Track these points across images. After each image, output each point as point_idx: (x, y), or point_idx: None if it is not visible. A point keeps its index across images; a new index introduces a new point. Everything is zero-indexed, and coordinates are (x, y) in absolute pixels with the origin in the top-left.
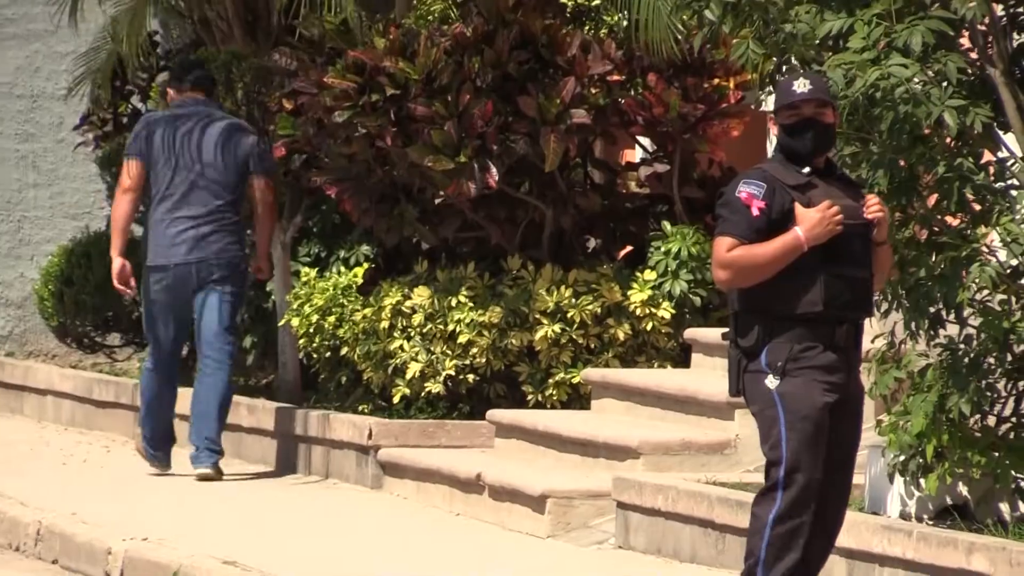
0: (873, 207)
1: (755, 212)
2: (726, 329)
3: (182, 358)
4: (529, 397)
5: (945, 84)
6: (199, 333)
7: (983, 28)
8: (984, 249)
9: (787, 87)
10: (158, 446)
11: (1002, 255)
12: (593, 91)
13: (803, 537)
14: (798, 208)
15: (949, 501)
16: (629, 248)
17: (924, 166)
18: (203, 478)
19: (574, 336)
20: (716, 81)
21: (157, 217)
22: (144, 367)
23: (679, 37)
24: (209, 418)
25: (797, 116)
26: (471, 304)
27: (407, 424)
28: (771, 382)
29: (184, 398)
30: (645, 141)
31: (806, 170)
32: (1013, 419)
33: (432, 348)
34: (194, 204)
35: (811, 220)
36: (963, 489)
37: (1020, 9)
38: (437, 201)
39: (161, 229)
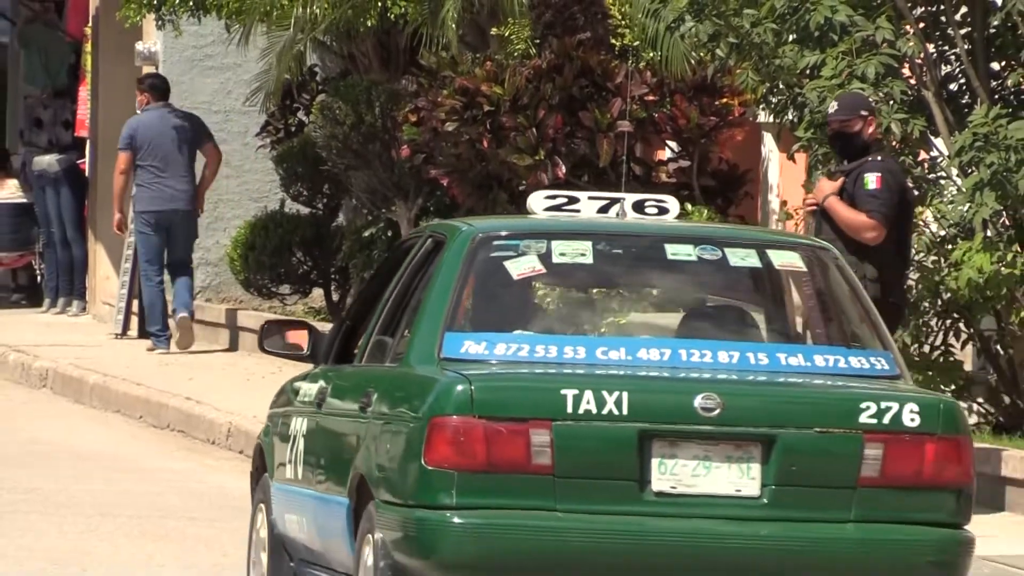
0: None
1: None
2: None
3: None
4: None
5: (892, 102)
6: (171, 255)
7: (919, 61)
8: (920, 223)
9: (830, 108)
10: (164, 330)
11: (934, 227)
12: (634, 108)
13: None
14: None
15: None
16: None
17: None
18: (155, 351)
19: None
20: (724, 100)
21: (145, 180)
22: (150, 282)
23: (697, 67)
24: (185, 298)
25: (831, 129)
26: None
27: None
28: None
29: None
30: (672, 144)
31: (845, 165)
32: (941, 347)
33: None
34: (167, 171)
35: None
36: None
37: (946, 47)
38: (521, 188)
39: (148, 188)
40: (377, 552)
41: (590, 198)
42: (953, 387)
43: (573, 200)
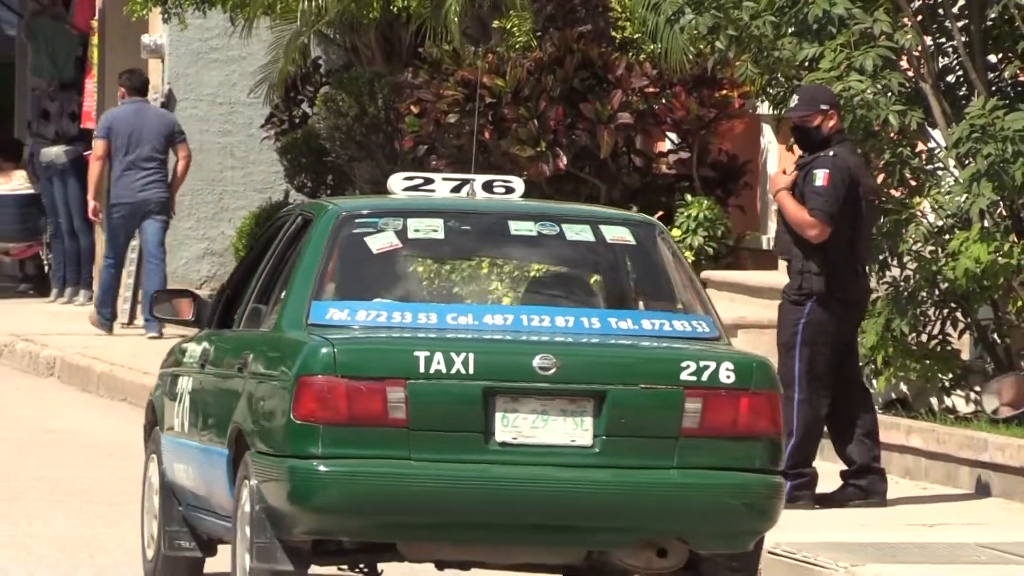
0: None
1: None
2: (733, 271)
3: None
4: None
5: (889, 94)
6: (145, 245)
7: (917, 54)
8: (918, 213)
9: (791, 101)
10: (110, 318)
11: (931, 218)
12: (635, 100)
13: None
14: None
15: (894, 396)
16: (661, 212)
17: (875, 153)
18: (152, 339)
19: None
20: (724, 92)
21: (119, 172)
22: (105, 266)
23: (697, 60)
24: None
25: (791, 123)
26: None
27: None
28: None
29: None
30: (673, 135)
31: (802, 157)
32: (939, 336)
33: (518, 287)
34: (140, 163)
35: None
36: (904, 387)
37: (943, 40)
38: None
39: (121, 179)
40: (253, 497)
41: (444, 179)
42: (951, 376)
43: (429, 181)
